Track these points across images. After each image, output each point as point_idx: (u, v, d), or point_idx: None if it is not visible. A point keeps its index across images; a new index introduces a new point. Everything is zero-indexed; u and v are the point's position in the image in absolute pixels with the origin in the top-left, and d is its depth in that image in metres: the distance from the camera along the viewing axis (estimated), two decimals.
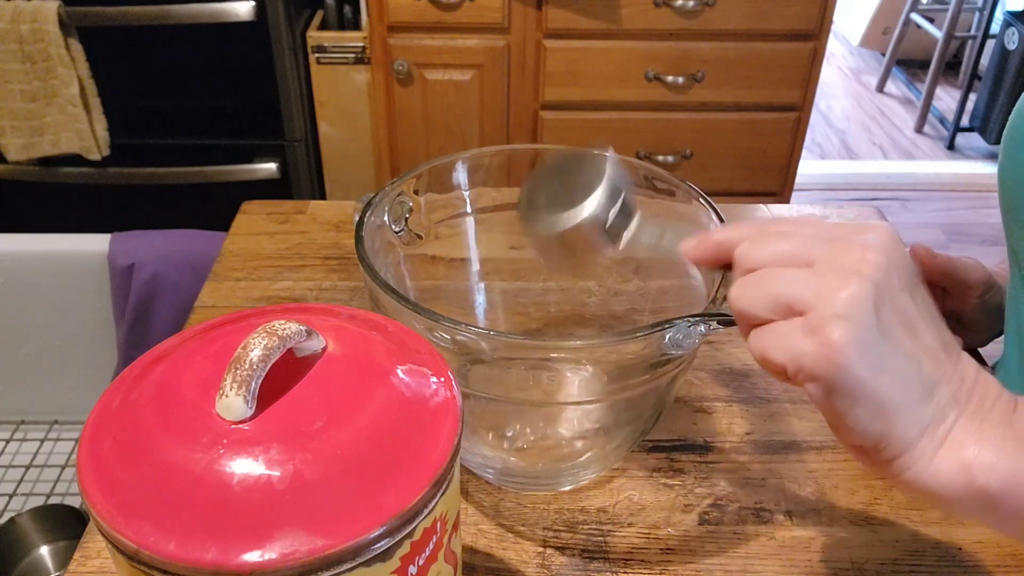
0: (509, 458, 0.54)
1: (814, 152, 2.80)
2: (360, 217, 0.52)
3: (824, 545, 0.53)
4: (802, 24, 1.64)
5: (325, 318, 0.39)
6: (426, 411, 0.34)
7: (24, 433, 1.34)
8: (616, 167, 0.47)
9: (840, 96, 3.20)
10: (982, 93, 2.72)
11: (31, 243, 1.25)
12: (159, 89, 1.68)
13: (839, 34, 3.62)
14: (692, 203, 0.56)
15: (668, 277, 0.60)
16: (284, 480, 0.30)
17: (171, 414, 0.32)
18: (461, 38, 1.64)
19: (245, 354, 0.32)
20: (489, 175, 0.61)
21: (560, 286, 0.67)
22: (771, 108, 1.75)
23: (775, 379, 0.66)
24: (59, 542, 1.17)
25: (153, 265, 1.23)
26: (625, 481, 0.57)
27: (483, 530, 0.54)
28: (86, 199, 1.76)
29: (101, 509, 0.30)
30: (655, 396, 0.51)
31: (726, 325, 0.45)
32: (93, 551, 0.52)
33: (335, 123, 1.76)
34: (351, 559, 0.30)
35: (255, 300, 0.73)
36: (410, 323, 0.44)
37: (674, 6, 1.61)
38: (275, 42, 1.60)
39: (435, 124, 1.74)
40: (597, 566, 0.52)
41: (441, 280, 0.63)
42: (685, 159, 1.79)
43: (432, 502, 0.32)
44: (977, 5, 2.93)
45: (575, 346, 0.56)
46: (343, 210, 0.86)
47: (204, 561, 0.28)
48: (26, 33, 1.49)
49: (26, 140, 1.60)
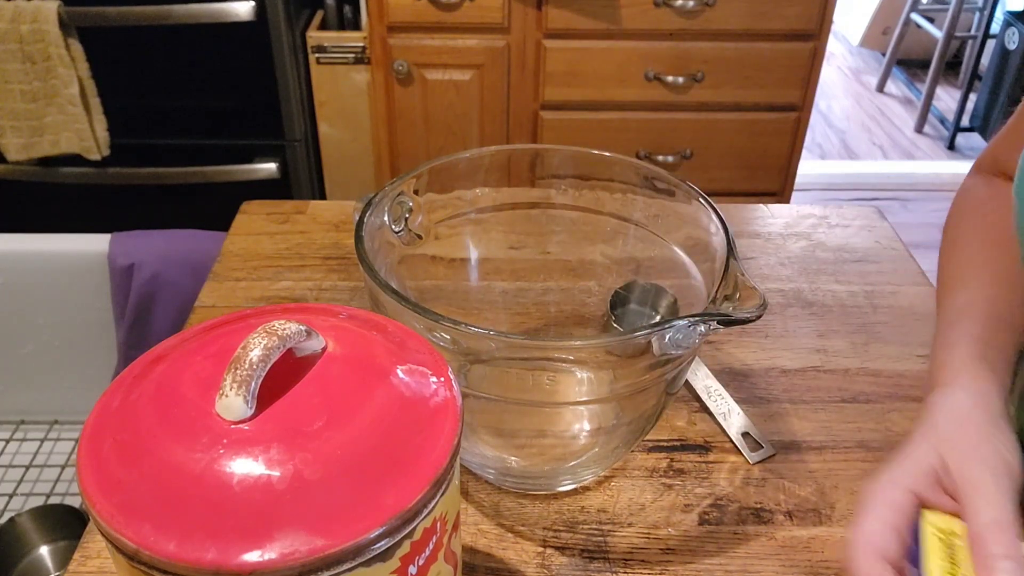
0: (509, 458, 0.54)
1: (814, 152, 2.80)
2: (360, 217, 0.52)
3: (824, 545, 0.53)
4: (802, 24, 1.64)
5: (325, 318, 0.39)
6: (426, 411, 0.34)
7: (24, 433, 1.34)
8: None
9: (840, 96, 3.20)
10: (982, 93, 2.72)
11: (31, 243, 1.25)
12: (159, 89, 1.68)
13: (839, 34, 3.62)
14: (692, 203, 0.56)
15: (668, 277, 0.60)
16: (284, 480, 0.30)
17: (171, 414, 0.32)
18: (461, 38, 1.64)
19: (245, 354, 0.32)
20: (489, 175, 0.61)
21: (560, 286, 0.67)
22: (771, 108, 1.75)
23: (775, 379, 0.66)
24: (59, 542, 1.17)
25: (153, 265, 1.23)
26: (625, 481, 0.57)
27: (483, 530, 0.54)
28: (86, 199, 1.76)
29: (101, 509, 0.30)
30: (655, 396, 0.51)
31: (726, 325, 0.45)
32: (93, 551, 0.52)
33: (335, 123, 1.76)
34: (351, 559, 0.30)
35: (255, 300, 0.73)
36: (410, 323, 0.44)
37: (674, 6, 1.61)
38: (275, 42, 1.60)
39: (435, 124, 1.74)
40: (597, 566, 0.52)
41: (441, 280, 0.63)
42: (685, 159, 1.79)
43: (432, 502, 0.32)
44: (977, 5, 2.93)
45: (575, 346, 0.56)
46: (343, 210, 0.86)
47: (204, 561, 0.28)
48: (26, 33, 1.49)
49: (26, 140, 1.60)
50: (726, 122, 1.76)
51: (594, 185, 0.61)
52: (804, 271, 0.79)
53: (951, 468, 0.43)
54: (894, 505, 0.43)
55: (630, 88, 1.70)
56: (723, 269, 0.49)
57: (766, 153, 1.80)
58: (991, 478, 0.42)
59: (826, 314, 0.73)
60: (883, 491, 0.44)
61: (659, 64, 1.68)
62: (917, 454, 0.45)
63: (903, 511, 0.43)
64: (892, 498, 0.43)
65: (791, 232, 0.84)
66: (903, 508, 0.43)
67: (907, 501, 0.43)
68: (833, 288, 0.76)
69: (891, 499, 0.43)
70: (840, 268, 0.79)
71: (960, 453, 0.44)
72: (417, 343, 0.38)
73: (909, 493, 0.43)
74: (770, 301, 0.74)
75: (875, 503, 0.43)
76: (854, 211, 0.88)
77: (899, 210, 2.47)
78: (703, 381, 0.65)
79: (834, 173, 2.68)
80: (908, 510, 0.43)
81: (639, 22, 1.63)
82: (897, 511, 0.43)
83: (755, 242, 0.83)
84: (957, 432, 0.45)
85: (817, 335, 0.71)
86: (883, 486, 0.44)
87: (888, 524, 0.42)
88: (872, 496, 0.44)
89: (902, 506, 0.43)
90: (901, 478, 0.44)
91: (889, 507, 0.43)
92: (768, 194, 1.86)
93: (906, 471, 0.44)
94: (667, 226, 0.58)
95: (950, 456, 0.44)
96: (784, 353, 0.69)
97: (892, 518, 0.42)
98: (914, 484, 0.44)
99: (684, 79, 1.68)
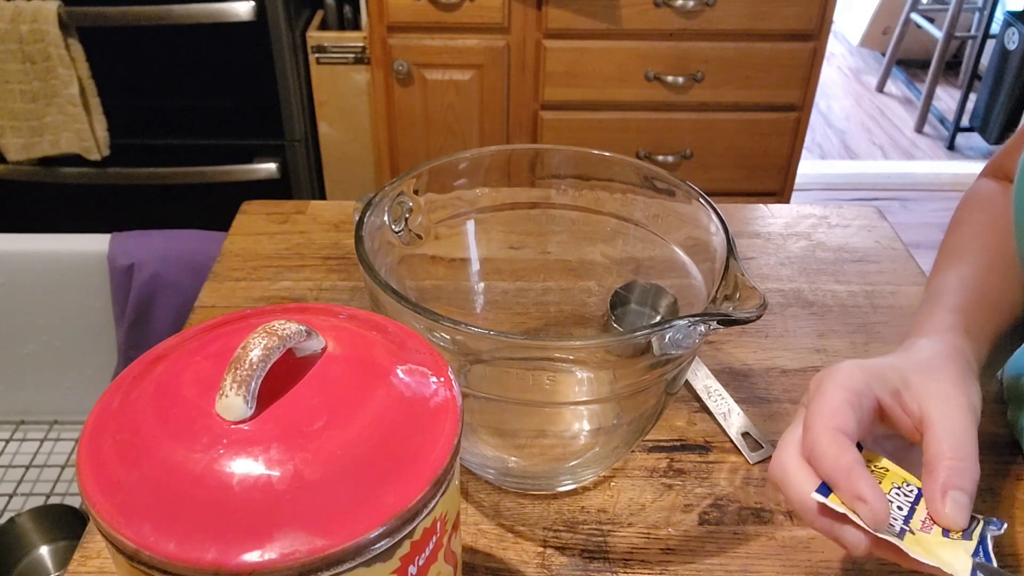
0: (509, 458, 0.54)
1: (814, 152, 2.80)
2: (360, 217, 0.52)
3: (824, 545, 0.53)
4: (802, 24, 1.64)
5: (325, 318, 0.39)
6: (426, 411, 0.34)
7: (24, 433, 1.34)
8: None
9: (840, 96, 3.20)
10: (982, 93, 2.72)
11: (31, 243, 1.25)
12: (159, 89, 1.68)
13: (839, 34, 3.62)
14: (692, 203, 0.56)
15: (668, 277, 0.60)
16: (284, 480, 0.30)
17: (171, 414, 0.32)
18: (461, 38, 1.64)
19: (245, 354, 0.32)
20: (489, 175, 0.61)
21: (560, 286, 0.67)
22: (771, 108, 1.75)
23: (775, 379, 0.66)
24: (59, 542, 1.17)
25: (153, 265, 1.23)
26: (625, 481, 0.57)
27: (483, 530, 0.54)
28: (86, 199, 1.76)
29: (101, 509, 0.30)
30: (655, 396, 0.51)
31: (726, 325, 0.45)
32: (93, 551, 0.52)
33: (335, 123, 1.76)
34: (351, 559, 0.30)
35: (255, 300, 0.73)
36: (410, 323, 0.44)
37: (674, 6, 1.61)
38: (275, 42, 1.60)
39: (435, 124, 1.74)
40: (597, 566, 0.52)
41: (441, 280, 0.63)
42: (685, 159, 1.79)
43: (432, 502, 0.32)
44: (977, 5, 2.93)
45: (575, 346, 0.56)
46: (343, 210, 0.86)
47: (204, 561, 0.28)
48: (26, 33, 1.49)
49: (26, 140, 1.60)
50: (726, 122, 1.76)
51: (594, 185, 0.61)
52: (804, 271, 0.79)
53: (918, 392, 0.43)
54: (855, 390, 0.42)
55: (630, 88, 1.70)
56: (723, 269, 0.49)
57: (766, 153, 1.80)
58: (956, 410, 0.42)
59: (826, 314, 0.73)
60: (847, 376, 0.43)
61: (659, 64, 1.68)
62: (883, 365, 0.44)
63: (863, 397, 0.42)
64: (854, 384, 0.42)
65: (791, 232, 0.84)
66: (863, 394, 0.42)
67: (868, 392, 0.43)
68: (833, 288, 0.76)
69: (853, 384, 0.42)
70: (840, 268, 0.79)
71: (929, 383, 0.43)
72: (417, 343, 0.38)
73: (870, 387, 0.43)
74: (770, 301, 0.74)
75: (836, 384, 0.42)
76: (854, 211, 0.88)
77: (899, 210, 2.47)
78: (703, 381, 0.65)
79: (834, 173, 2.68)
80: (867, 401, 0.42)
81: (639, 22, 1.63)
82: (858, 395, 0.42)
83: (755, 242, 0.83)
84: (929, 368, 0.44)
85: (817, 335, 0.71)
86: (848, 371, 0.43)
87: (850, 404, 0.42)
88: (833, 377, 0.43)
89: (862, 392, 0.42)
90: (866, 372, 0.43)
91: (851, 391, 0.42)
92: (768, 194, 1.86)
93: (871, 371, 0.43)
94: (667, 226, 0.58)
95: (918, 381, 0.43)
96: (784, 353, 0.69)
97: (853, 399, 0.42)
98: (877, 384, 0.43)
99: (684, 79, 1.68)
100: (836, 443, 0.40)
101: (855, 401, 0.42)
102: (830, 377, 0.43)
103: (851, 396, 0.42)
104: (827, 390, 0.42)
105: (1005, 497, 0.56)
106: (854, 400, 0.42)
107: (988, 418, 0.63)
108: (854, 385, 0.43)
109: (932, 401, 0.42)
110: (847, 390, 0.42)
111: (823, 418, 0.41)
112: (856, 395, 0.42)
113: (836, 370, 0.44)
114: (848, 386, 0.42)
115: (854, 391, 0.42)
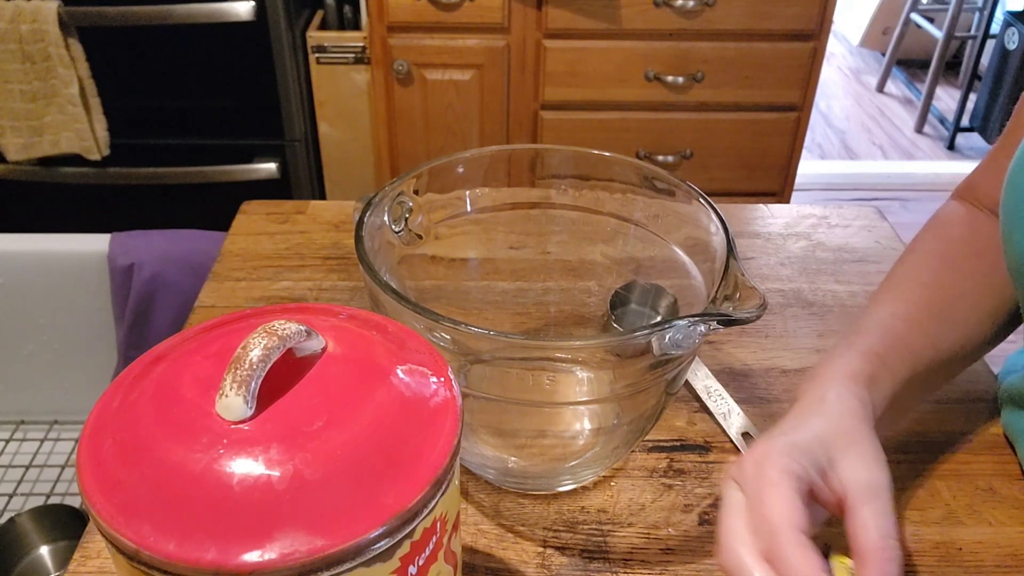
0: (509, 458, 0.54)
1: (814, 152, 2.80)
2: (360, 217, 0.52)
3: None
4: (802, 24, 1.64)
5: (325, 318, 0.38)
6: (426, 411, 0.34)
7: (24, 433, 1.34)
8: None
9: (840, 96, 3.20)
10: (982, 93, 2.72)
11: (31, 243, 1.25)
12: (159, 89, 1.68)
13: (839, 34, 3.62)
14: (692, 203, 0.56)
15: (668, 277, 0.60)
16: (284, 480, 0.30)
17: (171, 414, 0.32)
18: (461, 38, 1.64)
19: (245, 354, 0.32)
20: (489, 175, 0.61)
21: (560, 286, 0.67)
22: (771, 108, 1.75)
23: (775, 379, 0.66)
24: (59, 542, 1.17)
25: (153, 265, 1.23)
26: (625, 481, 0.57)
27: (483, 530, 0.54)
28: (86, 199, 1.76)
29: (101, 509, 0.30)
30: (655, 396, 0.51)
31: (726, 325, 0.45)
32: (93, 551, 0.52)
33: (335, 123, 1.76)
34: (351, 559, 0.30)
35: (255, 300, 0.73)
36: (410, 323, 0.44)
37: (674, 6, 1.61)
38: (275, 42, 1.60)
39: (435, 124, 1.74)
40: (597, 566, 0.52)
41: (441, 280, 0.63)
42: (685, 159, 1.79)
43: (432, 502, 0.32)
44: (977, 5, 2.93)
45: (575, 346, 0.56)
46: (343, 210, 0.86)
47: (204, 561, 0.28)
48: (26, 33, 1.49)
49: (26, 140, 1.60)
50: (726, 122, 1.76)
51: (594, 185, 0.61)
52: (804, 271, 0.79)
53: (841, 473, 0.43)
54: (798, 475, 0.42)
55: (630, 88, 1.70)
56: (723, 269, 0.49)
57: (766, 153, 1.80)
58: (878, 491, 0.42)
59: (826, 314, 0.73)
60: (789, 460, 0.43)
61: (659, 64, 1.68)
62: (809, 441, 0.44)
63: (803, 482, 0.42)
64: (795, 470, 0.42)
65: (791, 232, 0.84)
66: (803, 479, 0.42)
67: (805, 476, 0.42)
68: (833, 288, 0.76)
69: (795, 470, 0.42)
70: (840, 268, 0.79)
71: (850, 458, 0.43)
72: (417, 343, 0.38)
73: (806, 470, 0.43)
74: (770, 301, 0.74)
75: (781, 471, 0.42)
76: (854, 211, 0.88)
77: (899, 210, 2.47)
78: (703, 381, 0.65)
79: (834, 173, 2.68)
80: (805, 486, 0.42)
81: (639, 22, 1.63)
82: (800, 480, 0.42)
83: (755, 242, 0.83)
84: (847, 438, 0.44)
85: (817, 335, 0.71)
86: (786, 454, 0.43)
87: (799, 493, 0.41)
88: (774, 463, 0.42)
89: (802, 478, 0.42)
90: (800, 453, 0.43)
91: (795, 477, 0.42)
92: (768, 194, 1.86)
93: (803, 451, 0.43)
94: (667, 226, 0.58)
95: (839, 457, 0.44)
96: (784, 353, 0.69)
97: (800, 487, 0.42)
98: (809, 466, 0.43)
99: (684, 79, 1.68)
100: (800, 547, 0.39)
101: (802, 488, 0.42)
102: (770, 463, 0.43)
103: (797, 484, 0.42)
104: (773, 479, 0.42)
105: (1005, 497, 0.56)
106: (801, 487, 0.42)
107: (988, 418, 0.63)
108: (795, 471, 0.42)
109: (854, 483, 0.43)
110: (792, 477, 0.42)
111: (783, 518, 0.40)
112: (800, 481, 0.42)
113: (772, 453, 0.43)
114: (792, 472, 0.42)
115: (797, 477, 0.42)
